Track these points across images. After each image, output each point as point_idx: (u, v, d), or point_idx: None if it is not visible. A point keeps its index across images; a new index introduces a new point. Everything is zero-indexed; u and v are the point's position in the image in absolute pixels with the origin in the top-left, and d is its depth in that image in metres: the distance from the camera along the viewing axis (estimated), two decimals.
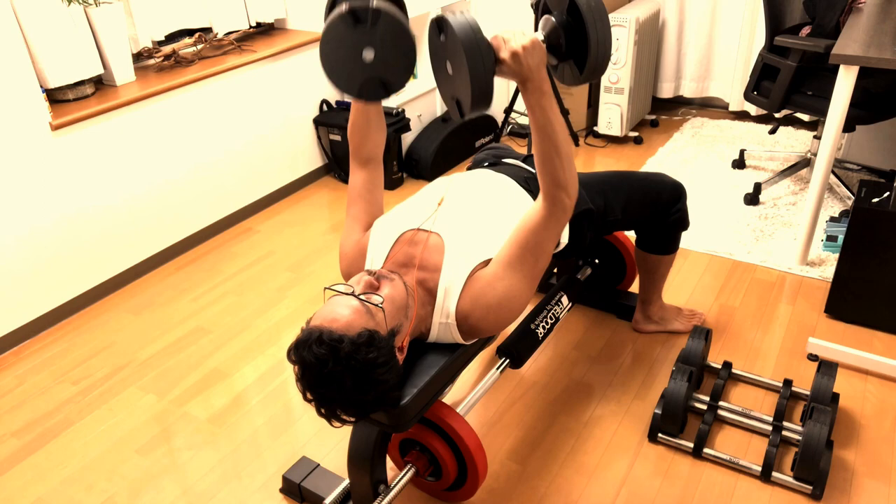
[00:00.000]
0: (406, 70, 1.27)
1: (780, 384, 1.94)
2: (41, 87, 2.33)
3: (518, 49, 1.18)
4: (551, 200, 1.35)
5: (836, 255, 2.51)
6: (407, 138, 3.50)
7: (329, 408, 1.26)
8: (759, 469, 1.69)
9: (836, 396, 1.88)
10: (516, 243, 1.40)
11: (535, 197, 1.65)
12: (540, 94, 1.24)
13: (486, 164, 1.84)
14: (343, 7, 1.21)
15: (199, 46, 2.96)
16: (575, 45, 1.24)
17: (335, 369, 1.21)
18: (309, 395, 1.27)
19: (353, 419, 1.30)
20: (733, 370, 2.01)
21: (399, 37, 1.22)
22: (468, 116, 1.18)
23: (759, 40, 3.53)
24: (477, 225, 1.50)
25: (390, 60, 1.26)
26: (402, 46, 1.23)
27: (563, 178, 1.32)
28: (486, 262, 1.45)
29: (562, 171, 1.32)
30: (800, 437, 1.71)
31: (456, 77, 1.15)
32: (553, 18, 1.24)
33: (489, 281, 1.40)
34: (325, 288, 1.31)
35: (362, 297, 1.29)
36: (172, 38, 2.93)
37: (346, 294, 1.30)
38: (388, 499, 1.55)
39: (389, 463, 1.82)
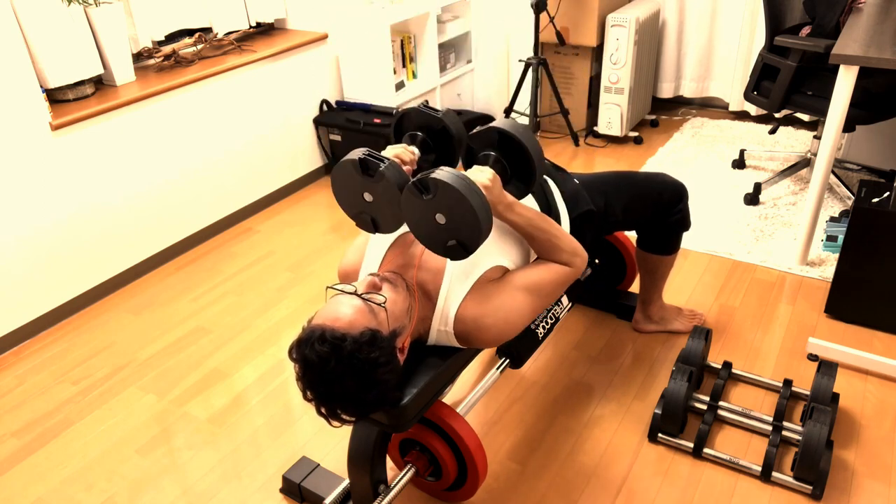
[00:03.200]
0: (395, 223, 1.43)
1: (780, 384, 1.94)
2: (41, 87, 2.33)
3: (487, 183, 1.38)
4: (569, 264, 1.52)
5: (836, 255, 2.51)
6: None
7: (329, 407, 1.26)
8: (759, 469, 1.69)
9: (836, 396, 1.88)
10: (535, 276, 1.47)
11: (536, 198, 1.66)
12: (510, 208, 1.44)
13: None
14: (358, 154, 1.38)
15: (199, 46, 2.96)
16: (516, 165, 1.48)
17: (337, 368, 1.21)
18: (309, 395, 1.26)
19: (352, 419, 1.30)
20: (733, 370, 2.01)
21: (394, 199, 1.37)
22: (477, 248, 1.34)
23: (759, 40, 3.53)
24: None
25: (384, 209, 1.42)
26: (396, 206, 1.38)
27: (570, 248, 1.51)
28: (492, 270, 1.45)
29: (564, 246, 1.50)
30: (800, 437, 1.71)
31: (452, 223, 1.31)
32: (491, 153, 1.47)
33: (497, 294, 1.42)
34: (328, 287, 1.31)
35: (365, 296, 1.29)
36: (172, 38, 2.93)
37: (349, 293, 1.30)
38: (388, 499, 1.55)
39: (389, 463, 1.82)
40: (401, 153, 1.49)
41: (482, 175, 1.40)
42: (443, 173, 1.29)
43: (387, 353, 1.25)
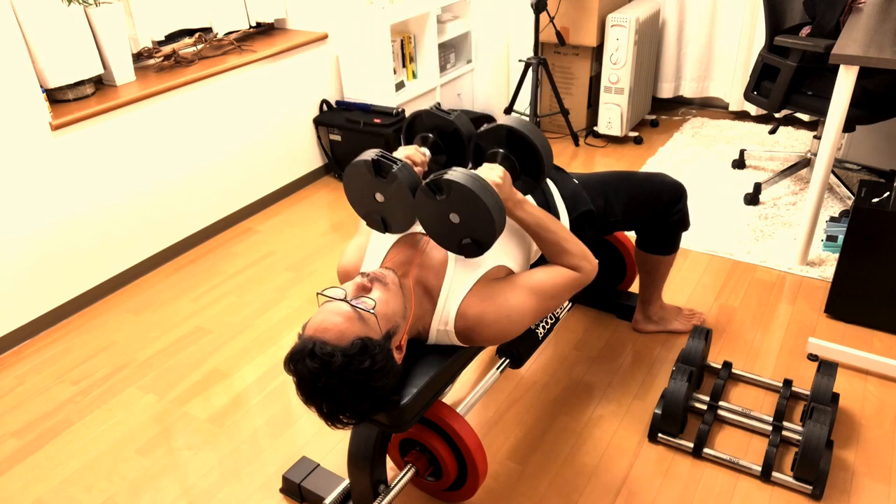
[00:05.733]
0: (406, 223, 1.44)
1: (780, 384, 1.94)
2: (41, 87, 2.33)
3: (498, 181, 1.38)
4: (578, 269, 1.50)
5: (836, 255, 2.51)
6: None
7: (328, 416, 1.27)
8: (759, 469, 1.69)
9: (836, 396, 1.88)
10: (539, 282, 1.46)
11: (536, 198, 1.66)
12: (519, 205, 1.44)
13: None
14: (371, 155, 1.39)
15: (199, 46, 2.96)
16: (524, 162, 1.49)
17: (329, 383, 1.21)
18: (307, 403, 1.27)
19: (354, 422, 1.30)
20: (733, 370, 2.01)
21: (406, 201, 1.39)
22: (492, 245, 1.37)
23: (759, 40, 3.53)
24: None
25: (395, 210, 1.43)
26: (407, 207, 1.40)
27: (579, 252, 1.50)
28: (495, 269, 1.45)
29: (573, 250, 1.49)
30: (800, 437, 1.71)
31: (466, 222, 1.34)
32: (500, 150, 1.48)
33: (502, 292, 1.42)
34: (318, 293, 1.30)
35: (354, 302, 1.28)
36: (172, 38, 2.93)
37: (338, 300, 1.29)
38: (388, 499, 1.55)
39: (389, 463, 1.82)
40: (412, 154, 1.50)
41: (493, 173, 1.40)
42: (456, 174, 1.31)
43: (381, 358, 1.25)
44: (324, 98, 3.40)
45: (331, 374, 1.20)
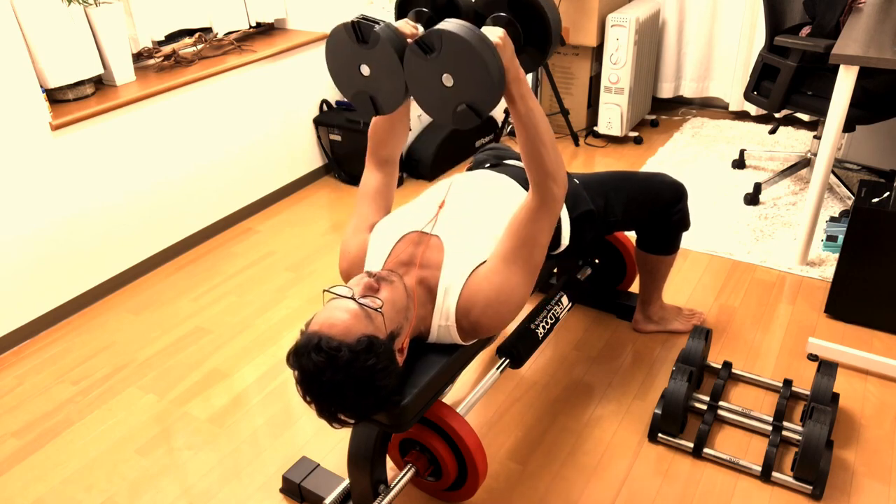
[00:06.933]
0: (396, 97, 1.30)
1: (780, 384, 1.94)
2: (41, 87, 2.33)
3: (499, 41, 1.21)
4: (541, 191, 1.36)
5: (836, 255, 2.51)
6: (407, 138, 3.49)
7: (328, 413, 1.26)
8: (759, 469, 1.69)
9: (836, 396, 1.88)
10: (510, 237, 1.41)
11: None
12: (519, 82, 1.27)
13: (487, 164, 1.84)
14: (350, 19, 1.26)
15: (199, 46, 2.96)
16: (531, 31, 1.32)
17: (333, 377, 1.20)
18: (308, 399, 1.27)
19: (353, 421, 1.30)
20: (733, 370, 2.01)
21: (393, 68, 1.25)
22: (490, 111, 1.22)
23: (759, 40, 3.53)
24: (477, 227, 1.49)
25: (383, 83, 1.29)
26: (395, 76, 1.26)
27: (550, 168, 1.34)
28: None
29: (549, 161, 1.34)
30: (800, 437, 1.71)
31: (461, 83, 1.20)
32: (503, 14, 1.32)
33: (486, 275, 1.40)
34: (325, 290, 1.30)
35: (361, 300, 1.28)
36: (172, 38, 2.93)
37: (345, 297, 1.29)
38: (388, 499, 1.55)
39: (389, 463, 1.82)
40: (401, 26, 1.33)
41: (492, 33, 1.23)
42: (449, 24, 1.17)
43: (384, 358, 1.25)
44: (324, 98, 3.40)
45: (336, 369, 1.20)
